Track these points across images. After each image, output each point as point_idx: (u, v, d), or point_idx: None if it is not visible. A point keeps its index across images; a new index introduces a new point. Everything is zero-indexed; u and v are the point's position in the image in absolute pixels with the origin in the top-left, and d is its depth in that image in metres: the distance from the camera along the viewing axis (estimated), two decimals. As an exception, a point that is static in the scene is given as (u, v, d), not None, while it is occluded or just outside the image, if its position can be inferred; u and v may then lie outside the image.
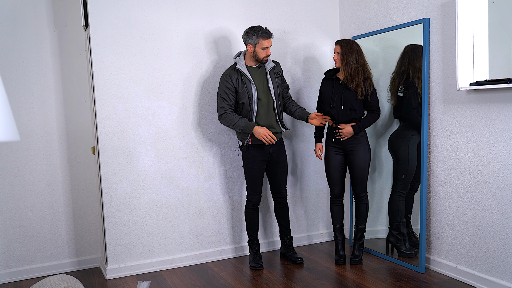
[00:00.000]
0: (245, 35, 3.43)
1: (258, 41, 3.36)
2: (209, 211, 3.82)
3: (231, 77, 3.42)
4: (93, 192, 3.77)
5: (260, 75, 3.49)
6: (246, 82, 3.42)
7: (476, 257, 3.06)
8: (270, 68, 3.51)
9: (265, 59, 3.44)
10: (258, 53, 3.40)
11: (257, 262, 3.61)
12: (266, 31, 3.38)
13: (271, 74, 3.51)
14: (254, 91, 3.42)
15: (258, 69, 3.50)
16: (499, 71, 2.91)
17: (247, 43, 3.42)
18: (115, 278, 3.51)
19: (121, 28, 3.44)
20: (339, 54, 3.41)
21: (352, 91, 3.41)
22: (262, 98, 3.46)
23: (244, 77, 3.42)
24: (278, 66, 3.59)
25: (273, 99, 3.50)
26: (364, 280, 3.28)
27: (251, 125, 3.40)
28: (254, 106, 3.42)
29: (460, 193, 3.14)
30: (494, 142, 2.88)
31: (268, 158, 3.55)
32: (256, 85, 3.44)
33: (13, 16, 3.46)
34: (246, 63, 3.48)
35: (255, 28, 3.38)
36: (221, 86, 3.46)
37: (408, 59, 3.42)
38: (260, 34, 3.36)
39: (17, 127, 3.52)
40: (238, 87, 3.42)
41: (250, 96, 3.42)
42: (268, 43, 3.39)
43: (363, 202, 3.59)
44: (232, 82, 3.41)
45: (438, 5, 3.18)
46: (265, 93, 3.48)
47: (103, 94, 3.43)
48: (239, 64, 3.43)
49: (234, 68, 3.46)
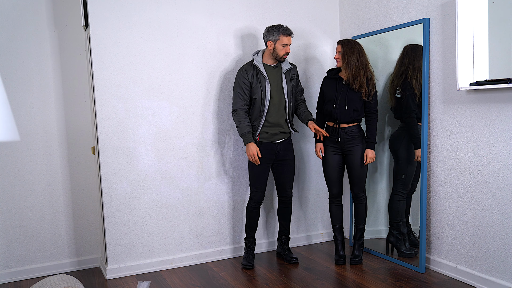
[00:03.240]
0: (266, 32, 3.47)
1: (279, 37, 3.41)
2: (209, 211, 3.82)
3: (247, 72, 3.48)
4: (93, 192, 3.77)
5: (276, 74, 3.53)
6: (260, 78, 3.46)
7: (476, 257, 3.06)
8: (287, 69, 3.54)
9: (284, 57, 3.48)
10: (278, 49, 3.44)
11: (248, 261, 3.62)
12: (287, 29, 3.44)
13: (286, 75, 3.54)
14: (267, 88, 3.46)
15: (274, 68, 3.53)
16: (499, 71, 2.91)
17: (268, 39, 3.46)
18: (115, 278, 3.51)
19: (121, 28, 3.44)
20: (340, 53, 3.42)
21: (357, 92, 3.41)
22: (274, 97, 3.49)
23: (259, 73, 3.47)
24: (294, 69, 3.62)
25: (285, 99, 3.51)
26: (364, 280, 3.28)
27: (248, 139, 3.44)
28: (266, 103, 3.45)
29: (460, 193, 3.14)
30: (494, 142, 2.88)
31: (275, 156, 3.56)
32: (270, 83, 3.48)
33: (13, 16, 3.46)
34: (264, 60, 3.52)
35: (277, 26, 3.45)
36: (237, 80, 3.51)
37: (408, 59, 3.42)
38: (282, 31, 3.41)
39: (17, 127, 3.52)
40: (252, 82, 3.46)
41: (263, 93, 3.45)
42: (289, 40, 3.43)
43: (362, 202, 3.59)
44: (247, 77, 3.46)
45: (438, 5, 3.18)
46: (278, 92, 3.51)
47: (103, 94, 3.43)
48: (256, 60, 3.49)
49: (251, 64, 3.51)
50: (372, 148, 3.46)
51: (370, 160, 3.46)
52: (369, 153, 3.45)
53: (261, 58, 3.50)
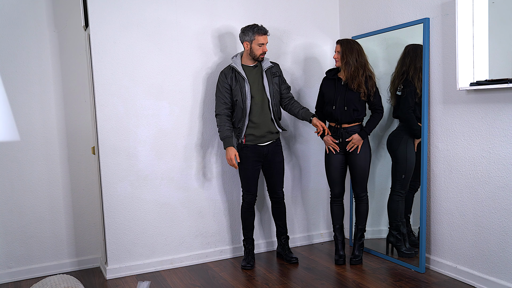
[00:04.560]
0: (241, 33, 3.46)
1: (254, 37, 3.41)
2: (209, 211, 3.82)
3: (226, 75, 3.48)
4: (93, 192, 3.77)
5: (256, 73, 3.52)
6: (239, 79, 3.46)
7: (476, 257, 3.06)
8: (267, 67, 3.53)
9: (261, 57, 3.46)
10: (254, 49, 3.44)
11: (247, 261, 3.62)
12: (262, 28, 3.43)
13: (267, 73, 3.53)
14: (247, 88, 3.45)
15: (254, 68, 3.53)
16: (499, 71, 2.91)
17: (244, 40, 3.46)
18: (115, 278, 3.51)
19: (121, 28, 3.44)
20: (339, 53, 3.42)
21: (355, 92, 3.41)
22: (255, 96, 3.48)
23: (238, 74, 3.47)
24: (276, 67, 3.60)
25: (267, 98, 3.50)
26: (364, 280, 3.28)
27: (227, 143, 3.45)
28: (247, 103, 3.45)
29: (460, 193, 3.14)
30: (494, 142, 2.88)
31: (263, 159, 3.56)
32: (250, 83, 3.47)
33: (13, 16, 3.46)
34: (243, 62, 3.52)
35: (251, 26, 3.44)
36: (217, 85, 3.53)
37: (409, 59, 3.41)
38: (256, 30, 3.41)
39: (17, 127, 3.52)
40: (232, 84, 3.47)
41: (243, 93, 3.45)
42: (264, 39, 3.43)
43: (363, 202, 3.59)
44: (227, 80, 3.47)
45: (438, 5, 3.18)
46: (260, 91, 3.50)
47: (103, 94, 3.43)
48: (234, 62, 3.49)
49: (230, 67, 3.51)
50: (363, 136, 3.44)
51: (353, 144, 3.44)
52: (355, 136, 3.43)
53: (239, 60, 3.50)
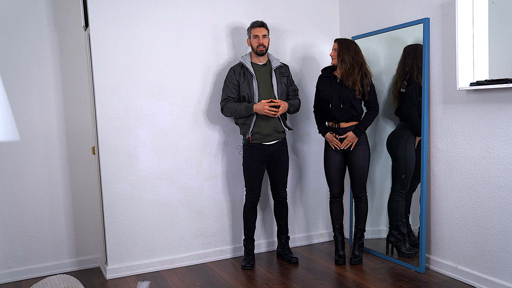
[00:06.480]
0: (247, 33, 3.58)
1: (251, 31, 3.51)
2: (209, 211, 3.82)
3: (235, 71, 3.54)
4: (93, 192, 3.77)
5: (265, 72, 3.56)
6: (248, 76, 3.50)
7: (476, 257, 3.06)
8: (276, 66, 3.56)
9: (259, 49, 3.50)
10: (252, 43, 3.52)
11: (247, 261, 3.63)
12: (257, 21, 3.53)
13: (276, 72, 3.56)
14: (255, 85, 3.49)
15: (263, 66, 3.56)
16: (499, 71, 2.91)
17: (247, 38, 3.58)
18: (115, 278, 3.51)
19: (121, 28, 3.44)
20: (336, 50, 3.42)
21: (350, 89, 3.41)
22: (263, 94, 3.50)
23: (246, 71, 3.51)
24: (285, 67, 3.64)
25: (275, 96, 3.52)
26: (364, 280, 3.28)
27: (250, 107, 3.44)
28: (255, 100, 3.48)
29: (460, 193, 3.14)
30: (494, 142, 2.88)
31: (268, 158, 3.56)
32: (258, 80, 3.51)
33: (13, 16, 3.46)
34: (252, 60, 3.58)
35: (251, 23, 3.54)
36: (225, 80, 3.57)
37: (410, 59, 3.41)
38: (251, 24, 3.52)
39: (17, 127, 3.52)
40: (240, 80, 3.50)
41: (250, 89, 3.49)
42: (259, 31, 3.48)
43: (362, 201, 3.59)
44: (235, 76, 3.52)
45: (438, 5, 3.18)
46: (267, 89, 3.52)
47: (103, 94, 3.43)
48: (244, 59, 3.54)
49: (239, 63, 3.57)
50: (357, 134, 3.44)
51: (347, 141, 3.44)
52: (350, 134, 3.43)
53: (249, 57, 3.57)
